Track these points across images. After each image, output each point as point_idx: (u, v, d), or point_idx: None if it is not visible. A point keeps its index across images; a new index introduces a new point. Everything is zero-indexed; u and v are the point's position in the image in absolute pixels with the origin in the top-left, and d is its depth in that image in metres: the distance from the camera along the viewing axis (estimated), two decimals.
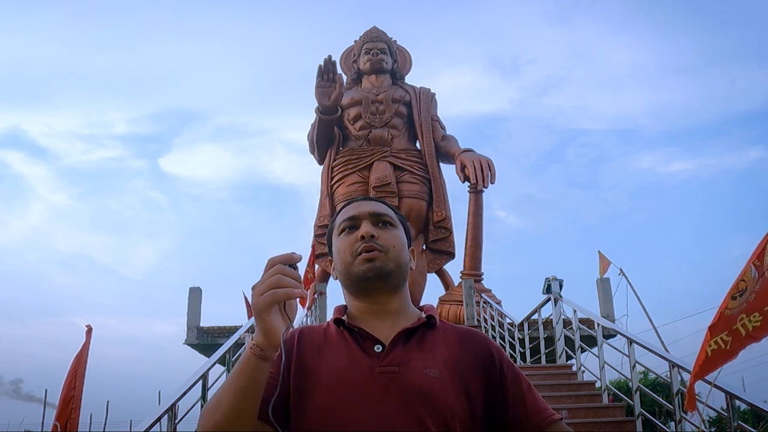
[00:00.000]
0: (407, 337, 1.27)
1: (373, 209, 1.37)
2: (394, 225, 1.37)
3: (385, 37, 13.96)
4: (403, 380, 1.19)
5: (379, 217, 1.36)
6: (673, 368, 5.48)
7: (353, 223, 1.35)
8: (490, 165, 12.24)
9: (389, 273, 1.29)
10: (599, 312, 10.97)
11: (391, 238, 1.33)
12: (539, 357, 8.63)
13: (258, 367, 1.08)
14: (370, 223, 1.33)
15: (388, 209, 1.40)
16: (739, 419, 4.68)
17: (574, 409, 6.31)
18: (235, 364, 5.92)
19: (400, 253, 1.33)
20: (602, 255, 12.42)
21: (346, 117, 13.08)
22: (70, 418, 5.60)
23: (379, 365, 1.21)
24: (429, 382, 1.20)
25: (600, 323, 7.01)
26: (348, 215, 1.37)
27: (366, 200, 1.42)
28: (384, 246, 1.30)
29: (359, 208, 1.37)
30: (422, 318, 1.31)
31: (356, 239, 1.31)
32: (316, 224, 12.66)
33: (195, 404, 5.23)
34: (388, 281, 1.30)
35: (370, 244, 1.29)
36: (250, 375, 1.08)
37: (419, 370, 1.21)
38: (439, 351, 1.27)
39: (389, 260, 1.29)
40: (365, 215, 1.35)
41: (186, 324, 11.72)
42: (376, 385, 1.19)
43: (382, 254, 1.29)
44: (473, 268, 12.30)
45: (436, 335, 1.30)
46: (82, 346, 6.02)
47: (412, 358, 1.23)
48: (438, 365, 1.23)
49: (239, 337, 6.69)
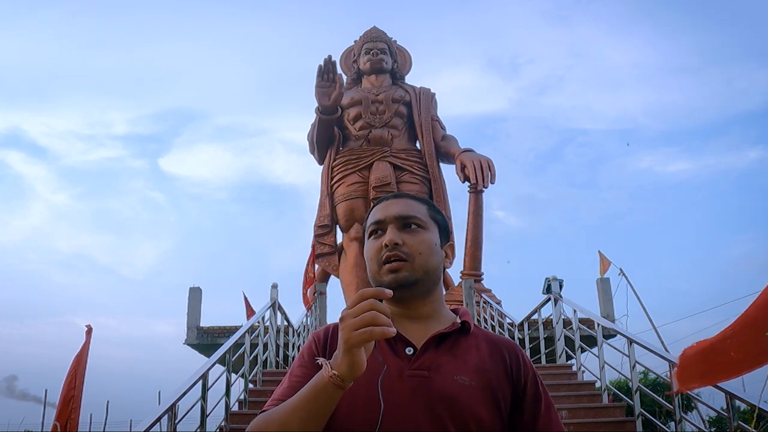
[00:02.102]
0: (439, 342, 1.26)
1: (399, 211, 1.32)
2: (422, 226, 1.32)
3: (385, 37, 13.96)
4: (432, 385, 1.19)
5: (406, 219, 1.31)
6: (673, 368, 5.47)
7: (379, 227, 1.32)
8: (490, 165, 12.24)
9: (415, 282, 1.27)
10: (599, 312, 10.98)
11: (418, 243, 1.29)
12: (539, 357, 8.63)
13: (333, 395, 1.07)
14: (396, 228, 1.30)
15: (418, 208, 1.35)
16: (739, 419, 4.67)
17: (574, 409, 6.31)
18: (234, 364, 5.91)
19: (428, 259, 1.29)
20: (602, 255, 12.42)
21: (346, 117, 13.08)
22: (70, 418, 5.60)
23: (409, 368, 1.20)
24: (458, 389, 1.19)
25: (600, 323, 7.01)
26: (375, 218, 1.33)
27: (396, 198, 1.36)
28: (409, 254, 1.27)
29: (386, 211, 1.33)
30: (456, 323, 1.30)
31: (381, 246, 1.28)
32: (316, 224, 12.66)
33: (195, 404, 5.23)
34: (415, 290, 1.28)
35: (394, 253, 1.26)
36: (326, 402, 1.07)
37: (449, 376, 1.20)
38: (470, 357, 1.25)
39: (415, 269, 1.26)
40: (391, 219, 1.31)
41: (186, 324, 11.72)
42: (404, 387, 1.18)
43: (407, 263, 1.26)
44: (473, 268, 12.30)
45: (469, 341, 1.28)
46: (82, 346, 6.02)
47: (442, 363, 1.22)
48: (469, 372, 1.22)
49: (239, 337, 6.69)
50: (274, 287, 8.39)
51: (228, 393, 5.91)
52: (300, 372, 1.25)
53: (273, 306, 8.26)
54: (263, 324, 7.90)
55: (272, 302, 8.25)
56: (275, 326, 8.29)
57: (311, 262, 10.31)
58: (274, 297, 8.33)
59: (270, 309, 8.19)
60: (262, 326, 7.83)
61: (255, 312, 8.69)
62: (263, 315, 8.01)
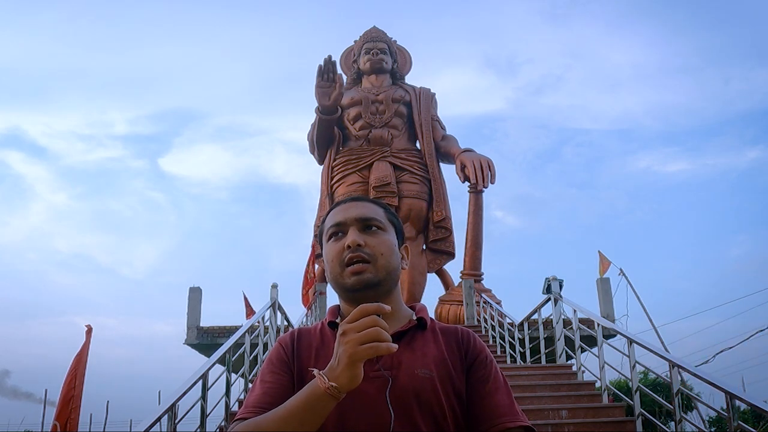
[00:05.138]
0: (398, 340, 1.27)
1: (360, 213, 1.34)
2: (382, 228, 1.34)
3: (385, 37, 13.95)
4: (396, 382, 1.21)
5: (367, 221, 1.33)
6: (673, 368, 5.47)
7: (340, 229, 1.33)
8: (490, 165, 12.24)
9: (378, 283, 1.28)
10: (599, 312, 10.97)
11: (379, 244, 1.31)
12: (539, 357, 8.63)
13: (328, 405, 1.08)
14: (357, 230, 1.31)
15: (377, 211, 1.37)
16: (739, 419, 4.67)
17: (574, 409, 6.30)
18: (234, 364, 5.90)
19: (389, 260, 1.31)
20: (602, 255, 12.42)
21: (346, 117, 13.08)
22: (69, 417, 5.61)
23: (372, 369, 1.22)
24: (420, 383, 1.22)
25: (600, 323, 7.01)
26: (335, 220, 1.34)
27: (354, 201, 1.39)
28: (371, 254, 1.29)
29: (346, 213, 1.34)
30: (413, 320, 1.33)
31: (343, 247, 1.30)
32: (316, 224, 12.65)
33: (195, 404, 5.22)
34: (378, 290, 1.29)
35: (357, 254, 1.28)
36: (320, 412, 1.08)
37: (411, 371, 1.23)
38: (429, 350, 1.28)
39: (378, 270, 1.28)
40: (352, 221, 1.32)
41: (186, 324, 11.71)
42: (369, 388, 1.19)
43: (369, 266, 1.28)
44: (473, 268, 12.30)
45: (426, 336, 1.32)
46: (82, 346, 6.03)
47: (403, 359, 1.25)
48: (429, 365, 1.25)
49: (239, 336, 6.68)
50: (274, 287, 8.39)
51: (228, 393, 5.90)
52: (272, 378, 1.26)
53: (273, 306, 8.25)
54: (263, 324, 7.89)
55: (272, 302, 8.24)
56: (275, 326, 8.28)
57: (311, 263, 10.30)
58: (274, 297, 8.32)
59: (270, 309, 8.18)
60: (262, 326, 7.82)
61: (255, 312, 8.68)
62: (263, 315, 8.00)
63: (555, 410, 6.17)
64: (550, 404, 6.36)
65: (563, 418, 6.08)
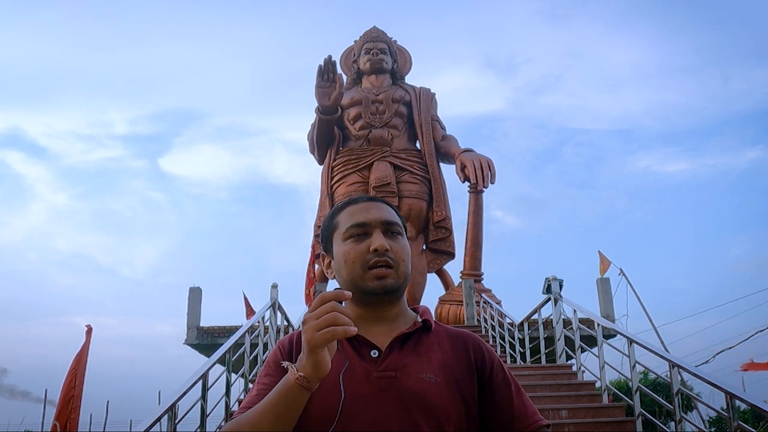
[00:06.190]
0: (403, 342, 1.28)
1: (385, 217, 1.32)
2: (401, 234, 1.33)
3: (385, 37, 13.94)
4: (400, 385, 1.21)
5: (390, 225, 1.31)
6: (673, 368, 5.47)
7: (364, 230, 1.30)
8: (490, 165, 12.24)
9: (397, 288, 1.29)
10: (599, 312, 10.96)
11: (401, 249, 1.30)
12: (539, 357, 8.63)
13: (300, 396, 1.09)
14: (382, 233, 1.29)
15: (395, 214, 1.36)
16: (739, 419, 4.67)
17: (574, 409, 6.30)
18: (234, 364, 5.91)
19: (408, 266, 1.31)
20: (602, 255, 12.42)
21: (346, 117, 13.08)
22: (69, 417, 5.61)
23: (376, 370, 1.22)
24: (426, 387, 1.21)
25: (600, 323, 7.01)
26: (357, 221, 1.31)
27: (372, 202, 1.35)
28: (395, 260, 1.28)
29: (369, 214, 1.31)
30: (418, 322, 1.32)
31: (367, 250, 1.27)
32: (316, 224, 12.66)
33: (195, 404, 5.23)
34: (394, 295, 1.29)
35: (384, 259, 1.26)
36: (293, 403, 1.10)
37: (416, 374, 1.22)
38: (434, 355, 1.28)
39: (399, 275, 1.28)
40: (377, 223, 1.30)
41: (186, 324, 11.71)
42: (372, 389, 1.20)
43: (392, 271, 1.27)
44: (473, 268, 12.30)
45: (431, 339, 1.31)
46: (82, 346, 6.03)
47: (408, 362, 1.24)
48: (434, 370, 1.24)
49: (239, 337, 6.68)
50: (274, 287, 8.39)
51: (228, 393, 5.91)
52: (267, 380, 1.27)
53: (273, 306, 8.26)
54: (263, 324, 7.89)
55: (272, 302, 8.25)
56: (275, 326, 8.29)
57: (312, 263, 10.31)
58: (274, 297, 8.33)
59: (270, 309, 8.18)
60: (262, 326, 7.82)
61: (255, 312, 8.68)
62: (263, 315, 8.00)
63: (555, 410, 6.17)
64: (550, 404, 6.36)
65: (563, 418, 6.08)
